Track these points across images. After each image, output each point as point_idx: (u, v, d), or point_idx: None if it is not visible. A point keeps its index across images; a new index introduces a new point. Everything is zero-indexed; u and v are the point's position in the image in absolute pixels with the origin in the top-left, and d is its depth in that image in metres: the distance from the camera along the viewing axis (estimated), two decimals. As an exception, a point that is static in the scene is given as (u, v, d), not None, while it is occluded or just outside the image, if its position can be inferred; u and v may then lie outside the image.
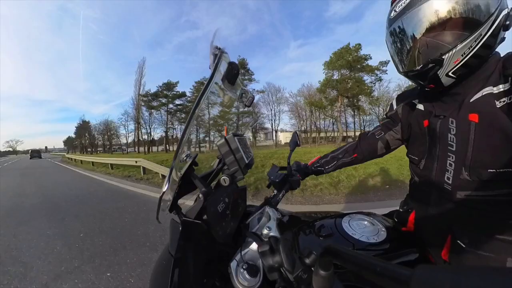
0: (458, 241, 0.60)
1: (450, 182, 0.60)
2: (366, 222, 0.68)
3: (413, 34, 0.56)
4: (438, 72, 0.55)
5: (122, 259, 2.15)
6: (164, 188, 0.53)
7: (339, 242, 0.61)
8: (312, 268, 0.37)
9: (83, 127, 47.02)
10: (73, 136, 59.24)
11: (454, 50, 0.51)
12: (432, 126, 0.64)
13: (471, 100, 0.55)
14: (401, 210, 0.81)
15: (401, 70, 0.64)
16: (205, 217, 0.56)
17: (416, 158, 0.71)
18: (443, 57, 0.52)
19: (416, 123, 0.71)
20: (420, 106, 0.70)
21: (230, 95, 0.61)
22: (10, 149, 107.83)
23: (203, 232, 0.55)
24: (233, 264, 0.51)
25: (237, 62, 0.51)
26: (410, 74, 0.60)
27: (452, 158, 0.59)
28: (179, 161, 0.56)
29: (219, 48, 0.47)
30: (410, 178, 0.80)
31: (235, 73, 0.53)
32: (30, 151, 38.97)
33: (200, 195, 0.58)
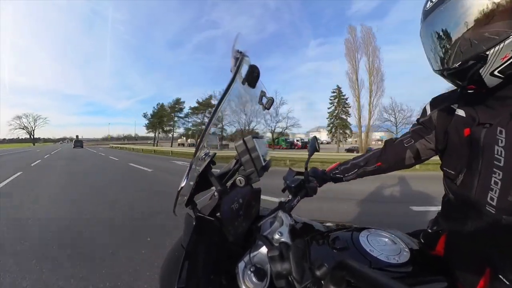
0: (500, 276, 0.52)
1: (494, 203, 0.52)
2: (386, 239, 0.63)
3: (453, 26, 0.49)
4: (480, 71, 0.48)
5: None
6: (183, 184, 0.56)
7: (354, 257, 0.57)
8: (322, 282, 0.36)
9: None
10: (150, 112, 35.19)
11: (501, 45, 0.44)
12: (475, 136, 0.56)
13: None
14: (429, 230, 0.73)
15: (436, 68, 0.58)
16: (218, 214, 0.58)
17: (453, 173, 0.63)
18: (487, 52, 0.45)
19: (454, 131, 0.63)
20: (460, 112, 0.61)
21: (250, 97, 0.62)
22: (24, 133, 56.67)
23: (215, 229, 0.57)
24: (241, 265, 0.51)
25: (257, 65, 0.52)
26: (447, 73, 0.54)
27: (499, 175, 0.51)
28: (198, 159, 0.59)
29: (241, 52, 0.48)
30: (443, 195, 0.72)
31: (256, 75, 0.53)
32: (74, 140, 40.10)
33: (216, 193, 0.60)
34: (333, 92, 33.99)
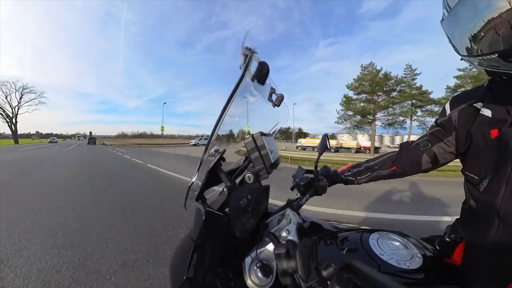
0: None
1: None
2: (398, 244, 0.61)
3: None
4: None
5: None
6: (193, 179, 0.58)
7: (362, 260, 0.56)
8: (328, 282, 0.35)
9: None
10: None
11: None
12: (505, 137, 0.51)
13: None
14: (446, 237, 0.69)
15: (466, 53, 0.50)
16: (227, 210, 0.59)
17: (476, 178, 0.58)
18: None
19: (479, 133, 0.58)
20: (486, 112, 0.56)
21: (260, 94, 0.62)
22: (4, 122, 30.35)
23: (224, 224, 0.58)
24: (248, 260, 0.52)
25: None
26: (487, 58, 0.47)
27: None
28: (209, 155, 0.60)
29: (250, 49, 0.48)
30: (463, 201, 0.67)
31: (265, 72, 0.53)
32: (88, 137, 38.66)
33: (225, 189, 0.61)
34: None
